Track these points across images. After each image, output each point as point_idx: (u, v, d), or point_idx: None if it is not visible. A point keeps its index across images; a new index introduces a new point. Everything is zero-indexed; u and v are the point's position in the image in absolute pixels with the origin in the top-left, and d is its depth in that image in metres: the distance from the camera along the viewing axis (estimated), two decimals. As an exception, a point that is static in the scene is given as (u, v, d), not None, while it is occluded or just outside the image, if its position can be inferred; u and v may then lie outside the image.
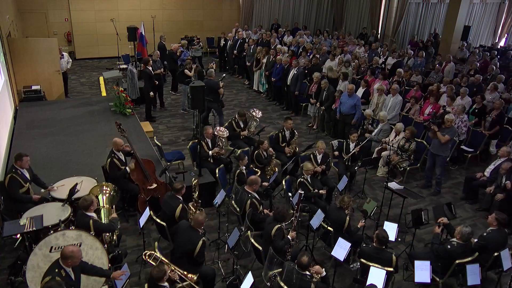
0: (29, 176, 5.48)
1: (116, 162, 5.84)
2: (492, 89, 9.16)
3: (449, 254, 4.70)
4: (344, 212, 5.16)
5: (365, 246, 4.69)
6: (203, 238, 4.56)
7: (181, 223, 4.78)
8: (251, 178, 5.55)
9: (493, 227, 5.05)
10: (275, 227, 4.70)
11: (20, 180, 5.27)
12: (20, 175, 5.31)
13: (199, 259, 4.57)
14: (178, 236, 4.70)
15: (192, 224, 4.64)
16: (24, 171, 5.41)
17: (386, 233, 4.58)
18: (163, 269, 3.88)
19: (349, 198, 5.25)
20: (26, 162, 5.39)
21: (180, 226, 4.74)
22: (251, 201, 5.39)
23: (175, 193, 5.25)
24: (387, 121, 7.95)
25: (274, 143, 7.44)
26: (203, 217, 4.66)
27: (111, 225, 4.82)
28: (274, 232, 4.67)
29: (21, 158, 5.35)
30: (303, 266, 4.05)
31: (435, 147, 6.93)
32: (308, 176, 5.99)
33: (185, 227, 4.67)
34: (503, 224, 5.01)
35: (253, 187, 5.50)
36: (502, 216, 5.01)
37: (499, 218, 4.99)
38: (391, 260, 4.46)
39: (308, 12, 18.09)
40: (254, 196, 5.50)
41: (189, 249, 4.49)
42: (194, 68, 10.18)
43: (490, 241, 4.93)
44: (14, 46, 9.60)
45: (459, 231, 4.72)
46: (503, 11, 18.34)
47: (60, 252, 3.86)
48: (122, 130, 6.24)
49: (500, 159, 6.75)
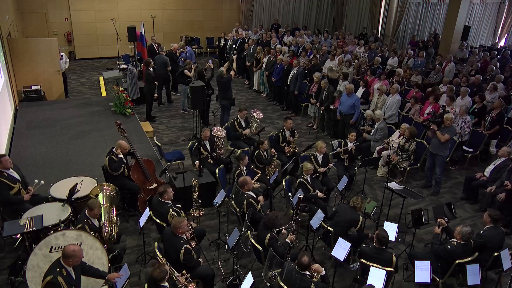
0: (19, 176, 5.35)
1: (114, 158, 5.83)
2: (492, 89, 9.16)
3: (449, 255, 4.71)
4: (357, 212, 5.18)
5: (365, 246, 4.69)
6: (185, 245, 4.41)
7: (166, 230, 4.70)
8: (240, 180, 5.53)
9: (489, 224, 5.09)
10: (266, 236, 4.67)
11: (7, 182, 5.13)
12: (6, 177, 5.15)
13: (188, 265, 4.43)
14: (164, 244, 4.67)
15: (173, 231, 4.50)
16: (10, 171, 5.25)
17: (386, 233, 4.58)
18: (164, 270, 3.86)
19: (362, 200, 5.27)
20: (6, 162, 5.18)
21: (165, 233, 4.67)
22: (248, 201, 5.39)
23: (160, 197, 5.15)
24: (382, 119, 7.94)
25: (274, 143, 7.44)
26: (178, 221, 4.47)
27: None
28: (267, 242, 4.65)
29: (0, 160, 5.16)
30: (303, 266, 4.05)
31: (434, 146, 6.93)
32: (308, 176, 5.99)
33: (169, 234, 4.56)
34: (497, 220, 5.04)
35: (245, 188, 5.48)
36: (494, 213, 5.06)
37: (492, 215, 5.04)
38: (391, 260, 4.46)
39: (308, 12, 18.10)
40: (251, 195, 5.50)
41: (175, 256, 4.42)
42: (194, 68, 10.19)
43: (488, 239, 4.95)
44: (14, 46, 9.60)
45: (459, 231, 4.72)
46: (503, 11, 18.34)
47: (62, 251, 3.85)
48: (122, 130, 6.24)
49: (500, 159, 6.75)
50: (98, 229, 4.77)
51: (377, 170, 7.85)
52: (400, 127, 7.66)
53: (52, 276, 3.69)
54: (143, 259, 5.26)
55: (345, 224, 5.19)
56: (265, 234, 4.70)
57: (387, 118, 8.36)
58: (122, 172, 5.91)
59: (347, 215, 5.20)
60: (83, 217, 4.73)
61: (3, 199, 5.17)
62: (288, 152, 7.30)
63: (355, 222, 5.14)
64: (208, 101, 9.22)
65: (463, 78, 9.88)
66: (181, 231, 4.49)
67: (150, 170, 6.19)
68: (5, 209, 5.30)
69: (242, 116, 7.74)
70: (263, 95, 12.05)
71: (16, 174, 5.35)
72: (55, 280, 3.68)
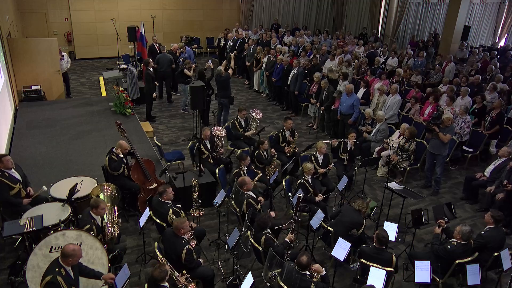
0: (20, 176, 5.33)
1: (113, 158, 5.82)
2: (492, 89, 9.16)
3: (449, 255, 4.70)
4: (361, 216, 5.17)
5: (365, 246, 4.69)
6: (187, 246, 4.40)
7: (167, 231, 4.68)
8: (239, 180, 5.53)
9: (490, 225, 5.08)
10: (262, 238, 4.66)
11: (8, 182, 5.09)
12: (7, 177, 5.11)
13: (188, 265, 4.41)
14: (164, 244, 4.66)
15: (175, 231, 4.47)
16: (11, 171, 5.22)
17: (386, 233, 4.58)
18: (164, 270, 3.86)
19: (368, 204, 5.27)
20: (8, 162, 5.14)
21: (166, 234, 4.67)
22: (247, 201, 5.39)
23: (160, 197, 5.15)
24: (384, 120, 7.95)
25: (274, 143, 7.44)
26: (180, 222, 4.47)
27: None
28: (263, 245, 4.65)
29: (1, 159, 5.10)
30: (303, 265, 4.04)
31: (434, 147, 6.93)
32: (309, 177, 5.98)
33: (170, 235, 4.55)
34: (499, 221, 5.04)
35: (244, 188, 5.48)
36: (497, 214, 5.05)
37: (495, 216, 5.03)
38: (391, 260, 4.46)
39: (308, 12, 18.10)
40: (250, 196, 5.49)
41: (176, 256, 4.40)
42: (194, 68, 10.20)
43: (488, 239, 4.94)
44: (14, 46, 9.60)
45: (459, 231, 4.72)
46: (503, 11, 18.34)
47: (61, 251, 3.84)
48: (122, 130, 6.24)
49: (500, 159, 6.75)
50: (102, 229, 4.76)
51: (377, 170, 7.84)
52: (400, 127, 7.66)
53: (52, 276, 3.68)
54: (143, 259, 5.26)
55: (348, 225, 5.17)
56: (260, 236, 4.71)
57: (388, 118, 8.35)
58: (122, 172, 5.90)
59: (352, 216, 5.19)
60: (88, 217, 4.70)
61: (3, 199, 5.14)
62: (288, 152, 7.30)
63: (358, 225, 5.13)
64: (208, 101, 9.22)
65: (463, 78, 9.88)
66: (183, 232, 4.48)
67: (150, 170, 6.20)
68: (5, 209, 5.29)
69: (242, 116, 7.74)
70: (263, 95, 12.05)
71: (17, 174, 5.33)
72: (54, 280, 3.67)
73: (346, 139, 7.03)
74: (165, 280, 3.85)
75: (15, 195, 5.20)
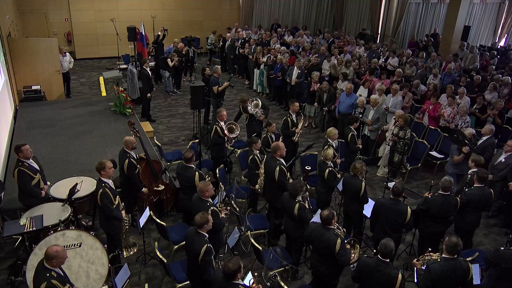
0: (38, 166, 5.32)
1: (133, 162, 5.55)
2: (492, 89, 9.16)
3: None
4: (358, 179, 5.24)
5: (367, 257, 4.19)
6: (207, 244, 3.98)
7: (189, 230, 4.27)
8: (273, 146, 5.56)
9: (476, 183, 5.22)
10: (295, 207, 4.71)
11: (29, 172, 5.09)
12: (27, 167, 5.10)
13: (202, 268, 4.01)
14: (193, 210, 4.63)
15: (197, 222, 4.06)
16: (30, 162, 5.20)
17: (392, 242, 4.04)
18: (238, 262, 3.56)
19: (360, 164, 5.30)
20: (27, 151, 5.13)
21: (193, 200, 4.75)
22: (280, 167, 5.36)
23: (186, 162, 5.32)
24: (377, 104, 7.93)
25: (285, 128, 7.26)
26: (205, 185, 4.59)
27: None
28: (297, 212, 4.71)
29: (20, 149, 5.08)
30: (326, 220, 4.23)
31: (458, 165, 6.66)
32: (330, 162, 5.79)
33: (196, 200, 4.67)
34: (483, 179, 5.18)
35: (278, 154, 5.46)
36: (481, 172, 5.27)
37: (479, 173, 5.22)
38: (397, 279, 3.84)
39: (308, 12, 18.10)
40: (282, 162, 5.48)
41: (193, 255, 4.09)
42: (175, 61, 11.12)
43: (473, 197, 5.12)
44: (14, 46, 9.60)
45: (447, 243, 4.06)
46: (503, 11, 18.35)
47: (44, 254, 3.65)
48: (135, 130, 6.17)
49: (505, 153, 6.68)
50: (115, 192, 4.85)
51: (377, 170, 7.84)
52: (395, 113, 7.64)
53: (46, 282, 3.55)
54: (143, 259, 5.26)
55: (352, 195, 5.35)
56: (293, 205, 4.73)
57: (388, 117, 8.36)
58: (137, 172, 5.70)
59: (349, 185, 5.37)
60: (100, 183, 4.76)
61: (27, 190, 5.12)
62: (298, 135, 7.18)
63: (358, 190, 5.22)
64: (208, 101, 9.21)
65: (463, 78, 9.87)
66: (207, 194, 4.60)
67: (158, 171, 6.14)
68: (25, 199, 5.23)
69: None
70: (263, 96, 12.04)
71: (35, 164, 5.31)
72: (50, 285, 3.55)
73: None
74: (237, 276, 3.55)
75: (35, 185, 5.18)
